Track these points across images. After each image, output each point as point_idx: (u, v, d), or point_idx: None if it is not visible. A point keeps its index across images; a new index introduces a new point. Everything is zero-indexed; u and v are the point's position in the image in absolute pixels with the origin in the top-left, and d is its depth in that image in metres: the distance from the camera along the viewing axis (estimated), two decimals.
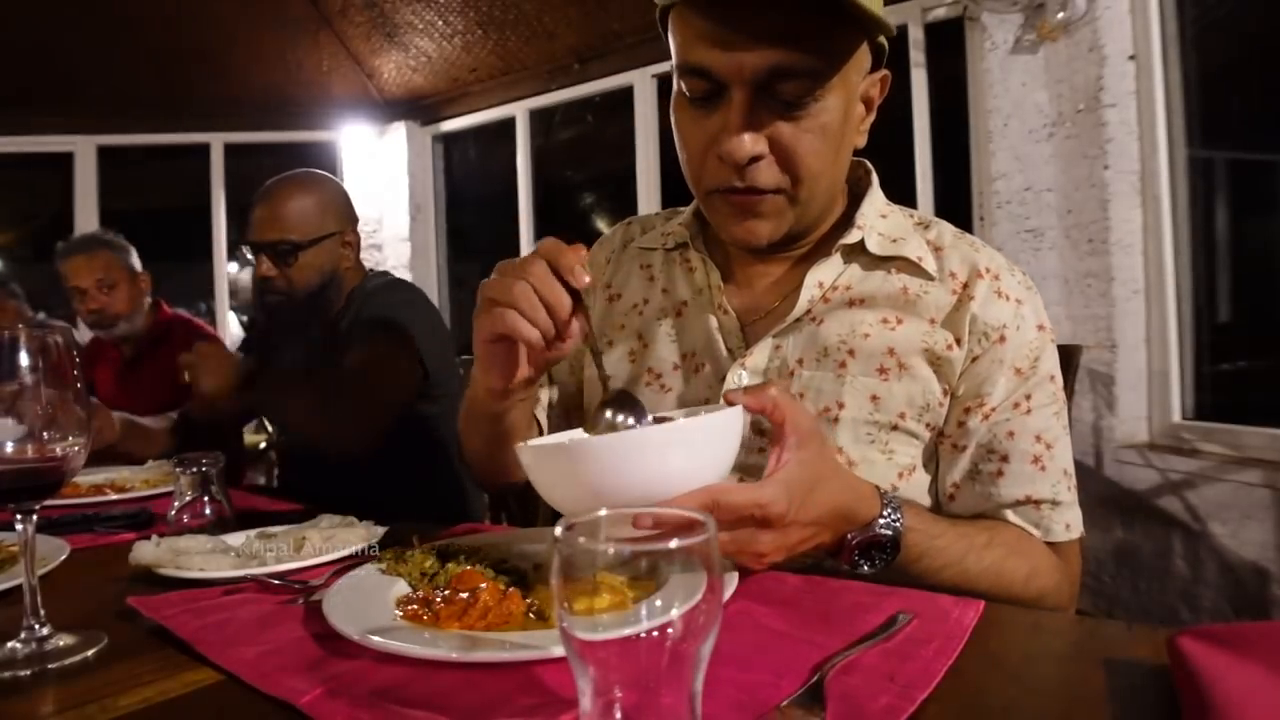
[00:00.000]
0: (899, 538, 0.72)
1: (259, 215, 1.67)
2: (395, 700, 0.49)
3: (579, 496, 0.61)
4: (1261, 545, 2.08)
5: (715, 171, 0.82)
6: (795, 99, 0.77)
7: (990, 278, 0.87)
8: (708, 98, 0.80)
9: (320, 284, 1.71)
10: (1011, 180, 2.63)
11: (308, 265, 1.68)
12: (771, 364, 0.88)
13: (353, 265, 1.78)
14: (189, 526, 0.96)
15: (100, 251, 2.37)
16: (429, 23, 3.96)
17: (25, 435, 0.62)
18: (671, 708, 0.37)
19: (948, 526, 0.78)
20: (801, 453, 0.65)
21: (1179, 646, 0.47)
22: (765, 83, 0.76)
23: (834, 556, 0.73)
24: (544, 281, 0.68)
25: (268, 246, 1.65)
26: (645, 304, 1.00)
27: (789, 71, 0.76)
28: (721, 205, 0.85)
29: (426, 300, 1.78)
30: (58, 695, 0.54)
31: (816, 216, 0.90)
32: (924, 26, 2.96)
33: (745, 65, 0.75)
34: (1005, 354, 0.85)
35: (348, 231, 1.76)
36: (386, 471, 1.60)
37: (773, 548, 0.65)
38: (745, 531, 0.63)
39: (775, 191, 0.82)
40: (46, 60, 3.98)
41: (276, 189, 1.70)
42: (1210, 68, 2.39)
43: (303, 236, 1.66)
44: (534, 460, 0.64)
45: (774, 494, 0.62)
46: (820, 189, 0.85)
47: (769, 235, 0.86)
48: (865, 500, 0.71)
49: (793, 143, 0.79)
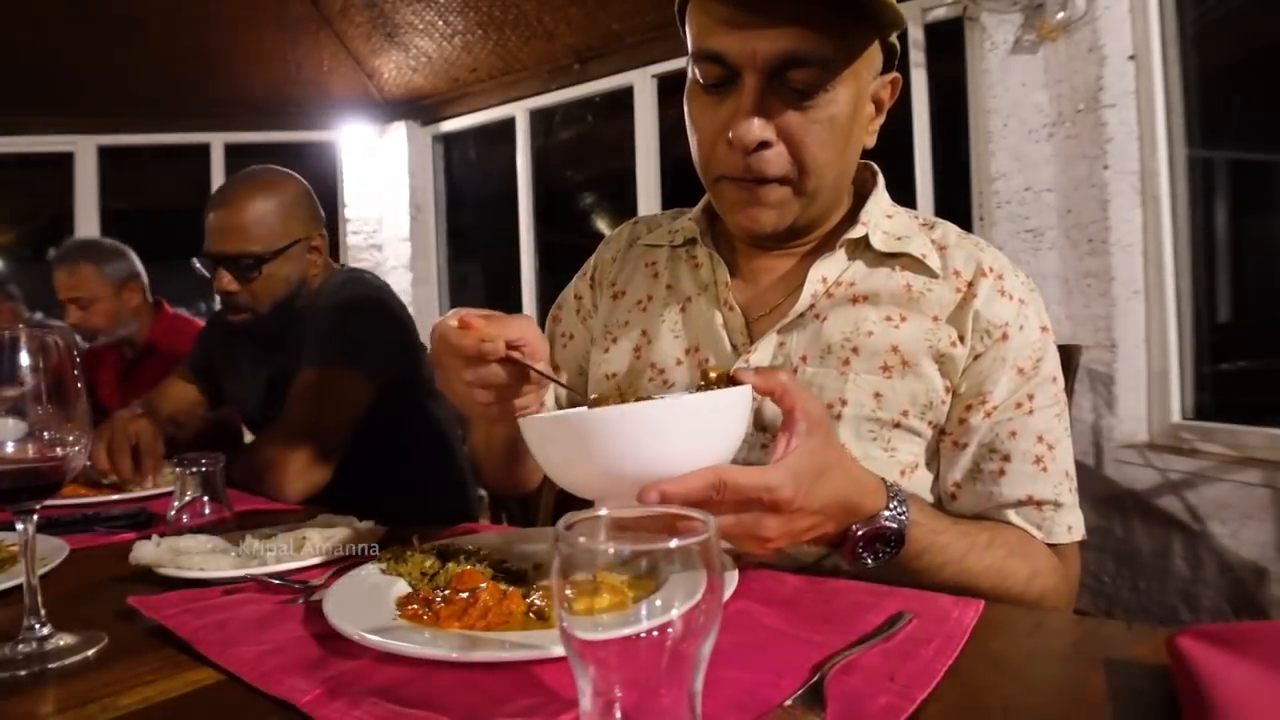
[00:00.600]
0: (903, 531, 0.72)
1: (216, 223, 1.50)
2: (395, 700, 0.49)
3: (583, 471, 0.61)
4: (1261, 545, 2.08)
5: (724, 157, 0.84)
6: (806, 88, 0.79)
7: (994, 277, 0.87)
8: (721, 84, 0.82)
9: (288, 295, 1.57)
10: (1011, 180, 2.63)
11: (273, 277, 1.53)
12: (775, 360, 0.89)
13: (320, 270, 1.63)
14: (189, 526, 0.95)
15: (81, 266, 2.34)
16: (429, 23, 3.96)
17: (25, 435, 0.62)
18: (671, 707, 0.37)
19: (950, 524, 0.78)
20: (810, 440, 0.64)
21: (1179, 646, 0.47)
22: (778, 70, 0.78)
23: (837, 549, 0.73)
24: (468, 374, 0.70)
25: (228, 260, 1.50)
26: (649, 300, 1.01)
27: (802, 59, 0.77)
28: (729, 191, 0.87)
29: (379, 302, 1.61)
30: (58, 695, 0.54)
31: (822, 211, 0.91)
32: (924, 26, 2.96)
33: (759, 51, 0.77)
34: (1007, 352, 0.85)
35: (314, 236, 1.60)
36: (386, 471, 1.59)
37: (778, 533, 0.64)
38: (751, 515, 0.63)
39: (782, 181, 0.84)
40: (46, 60, 3.98)
41: (234, 193, 1.53)
42: (1210, 68, 2.39)
43: (266, 247, 1.51)
44: (538, 432, 0.63)
45: (781, 478, 0.62)
46: (826, 182, 0.86)
47: (774, 224, 0.87)
48: (871, 493, 0.71)
49: (801, 132, 0.81)
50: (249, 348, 1.70)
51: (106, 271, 2.37)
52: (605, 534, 0.41)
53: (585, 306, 1.09)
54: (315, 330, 1.52)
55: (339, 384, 1.47)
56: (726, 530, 0.62)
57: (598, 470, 0.60)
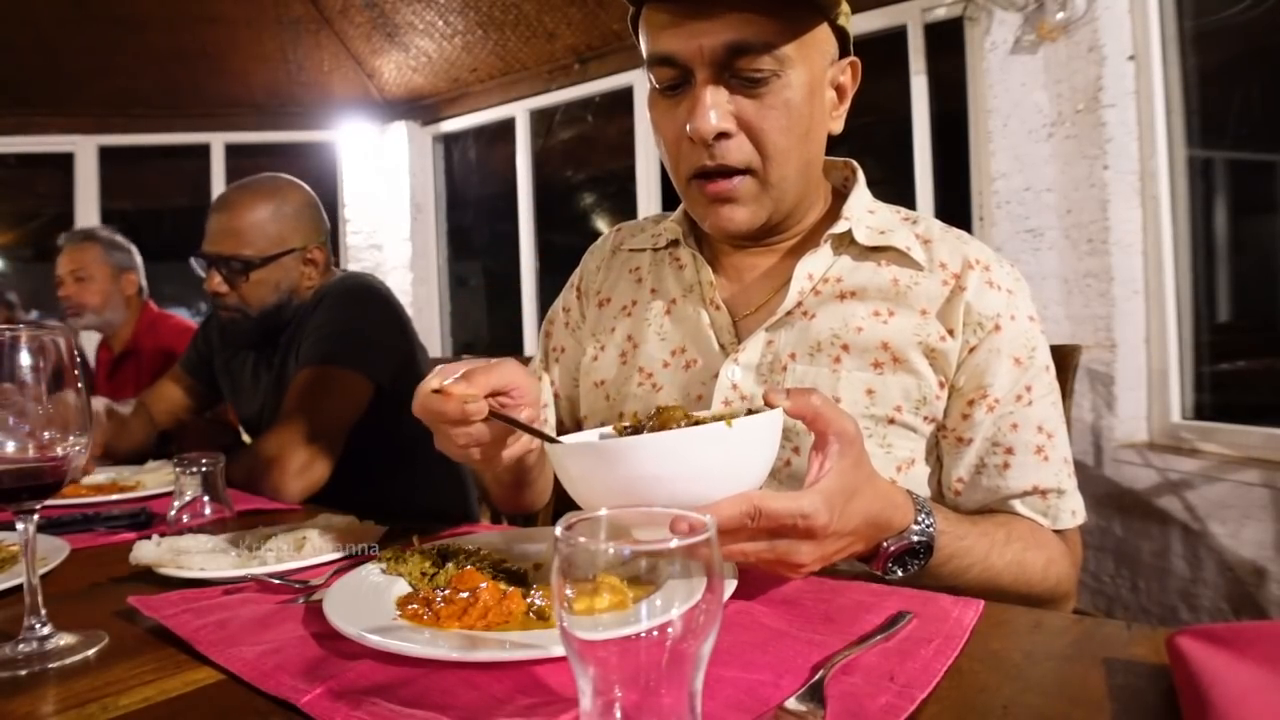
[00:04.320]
0: (932, 543, 0.72)
1: (213, 224, 1.54)
2: (395, 700, 0.49)
3: (610, 498, 0.59)
4: (1260, 545, 2.08)
5: (688, 155, 0.85)
6: (755, 74, 0.81)
7: (981, 268, 0.88)
8: (675, 86, 0.85)
9: (276, 303, 1.57)
10: (1011, 180, 2.63)
11: (261, 283, 1.54)
12: (764, 359, 0.89)
13: (315, 283, 1.62)
14: (189, 526, 0.95)
15: (88, 245, 2.44)
16: (429, 23, 3.96)
17: (26, 435, 0.62)
18: (671, 707, 0.37)
19: (971, 526, 0.78)
20: (843, 461, 0.63)
21: (1178, 646, 0.47)
22: (725, 61, 0.81)
23: (866, 563, 0.73)
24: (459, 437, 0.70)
25: (220, 261, 1.52)
26: (633, 305, 1.01)
27: (746, 47, 0.80)
28: (698, 194, 0.88)
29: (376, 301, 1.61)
30: (58, 694, 0.54)
31: (794, 202, 0.91)
32: (924, 26, 2.96)
33: (704, 45, 0.80)
34: (1002, 343, 0.85)
35: (311, 248, 1.60)
36: (386, 471, 1.59)
37: (811, 559, 0.63)
38: (786, 543, 0.61)
39: (745, 172, 0.85)
40: (46, 60, 3.98)
41: (235, 197, 1.56)
42: (1210, 68, 2.39)
43: (257, 253, 1.52)
44: (567, 460, 0.63)
45: (815, 504, 0.60)
46: (791, 169, 0.86)
47: (747, 222, 0.88)
48: (900, 509, 0.70)
49: (759, 119, 0.83)
50: (248, 349, 1.70)
51: (110, 256, 2.45)
52: (605, 534, 0.41)
53: (574, 318, 1.09)
54: (314, 330, 1.53)
55: (338, 383, 1.48)
56: (760, 558, 0.61)
57: (621, 496, 0.59)
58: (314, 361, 1.48)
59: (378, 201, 4.69)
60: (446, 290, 4.84)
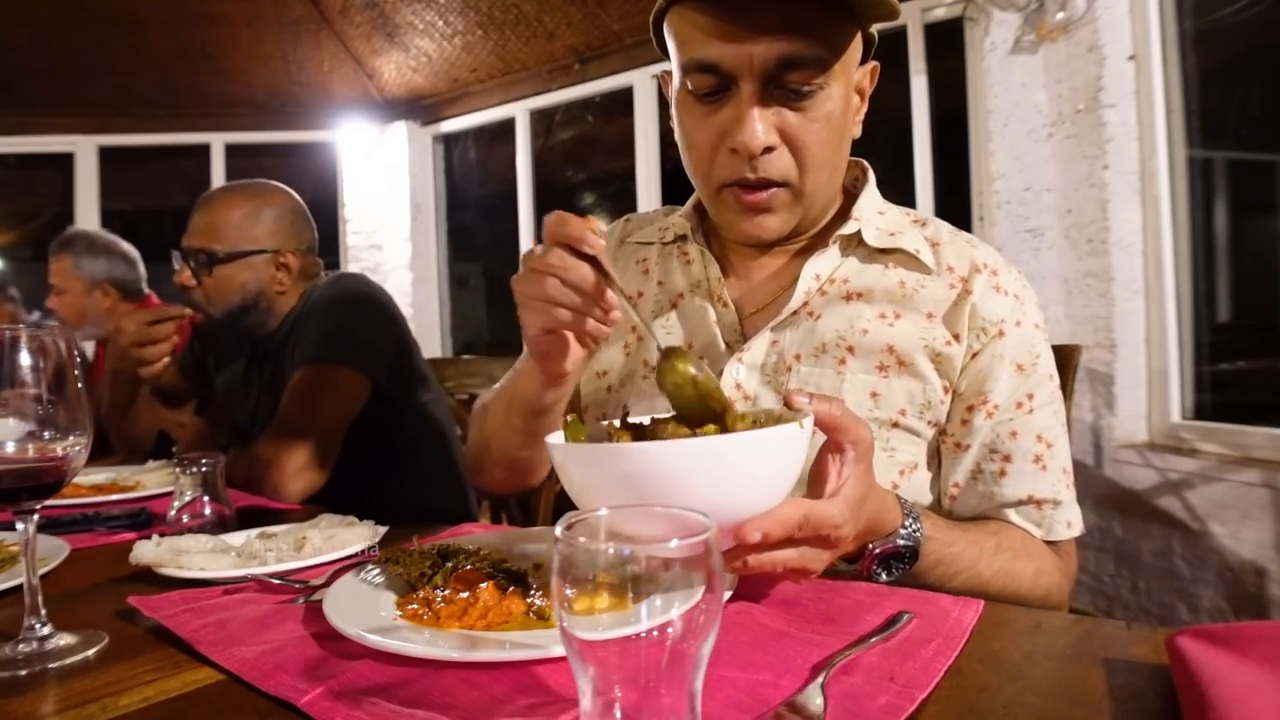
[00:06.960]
0: (918, 548, 0.72)
1: (193, 219, 1.55)
2: (395, 700, 0.49)
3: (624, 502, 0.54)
4: (1260, 545, 2.08)
5: (726, 164, 0.83)
6: (802, 89, 0.79)
7: (989, 273, 0.87)
8: (715, 92, 0.81)
9: (240, 304, 1.55)
10: (1011, 180, 2.63)
11: (224, 279, 1.53)
12: (769, 358, 0.88)
13: (287, 290, 1.60)
14: (189, 526, 0.95)
15: (61, 256, 2.41)
16: (429, 23, 3.96)
17: (26, 435, 0.62)
18: (671, 707, 0.37)
19: (960, 533, 0.77)
20: (858, 468, 0.63)
21: (1178, 646, 0.47)
22: (774, 74, 0.78)
23: (850, 563, 0.73)
24: (564, 266, 0.69)
25: (191, 253, 1.53)
26: (640, 297, 1.01)
27: (796, 61, 0.77)
28: (732, 201, 0.86)
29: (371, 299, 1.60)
30: (58, 695, 0.54)
31: (821, 210, 0.91)
32: (924, 26, 2.96)
33: (754, 57, 0.77)
34: (1005, 349, 0.85)
35: (285, 253, 1.58)
36: (385, 471, 1.59)
37: (823, 565, 0.63)
38: (812, 551, 0.60)
39: (782, 184, 0.83)
40: (46, 60, 3.98)
41: (218, 195, 1.58)
42: (1210, 68, 2.39)
43: (225, 247, 1.52)
44: (575, 461, 0.58)
45: (844, 513, 0.60)
46: (823, 180, 0.86)
47: (778, 231, 0.87)
48: (890, 511, 0.71)
49: (801, 132, 0.81)
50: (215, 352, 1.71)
51: (81, 268, 2.41)
52: (605, 534, 0.41)
53: None
54: (308, 331, 1.53)
55: (334, 381, 1.47)
56: (787, 566, 0.60)
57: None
58: (309, 361, 1.48)
59: (378, 201, 4.69)
60: (446, 290, 4.84)
